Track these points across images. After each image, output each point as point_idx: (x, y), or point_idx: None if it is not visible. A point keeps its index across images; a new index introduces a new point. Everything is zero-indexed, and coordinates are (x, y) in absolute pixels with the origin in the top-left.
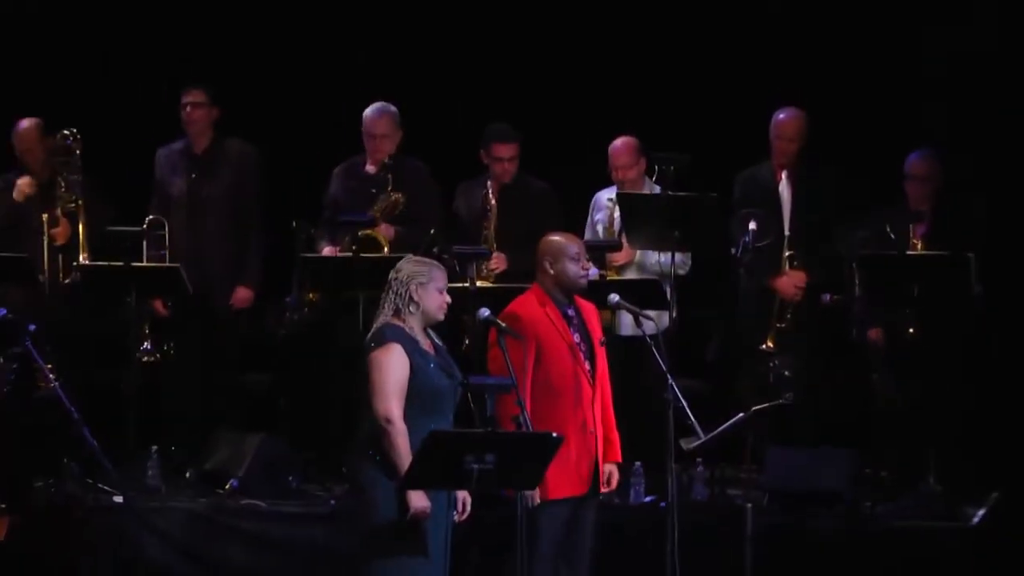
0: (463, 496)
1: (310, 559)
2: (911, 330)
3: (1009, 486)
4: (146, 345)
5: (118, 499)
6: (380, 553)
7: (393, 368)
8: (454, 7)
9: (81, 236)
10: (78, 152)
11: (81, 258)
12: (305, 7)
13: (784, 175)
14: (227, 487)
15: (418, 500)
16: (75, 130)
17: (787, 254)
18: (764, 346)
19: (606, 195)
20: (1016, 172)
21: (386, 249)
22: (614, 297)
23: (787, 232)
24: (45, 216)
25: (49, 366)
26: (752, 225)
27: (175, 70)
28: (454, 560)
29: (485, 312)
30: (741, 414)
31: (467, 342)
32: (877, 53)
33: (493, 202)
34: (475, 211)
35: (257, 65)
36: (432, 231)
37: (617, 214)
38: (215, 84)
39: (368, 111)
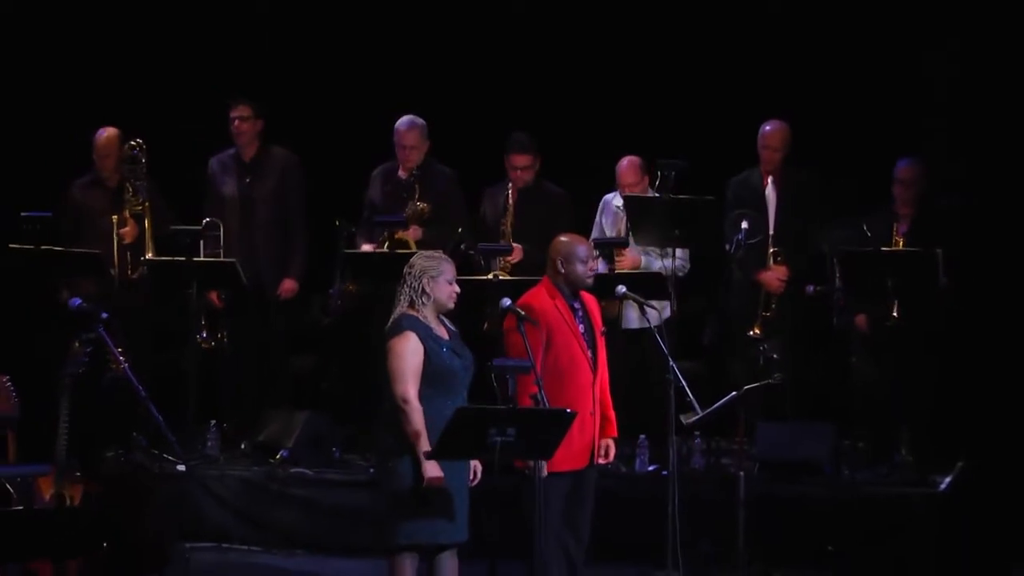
0: (475, 464)
1: (351, 521)
2: (895, 315)
3: (972, 456)
4: (203, 333)
5: (181, 468)
6: (406, 514)
7: (408, 354)
8: (489, 36)
9: (147, 235)
10: (143, 160)
11: (147, 255)
12: (346, 28)
13: (770, 180)
14: (278, 457)
15: (432, 470)
16: (140, 141)
17: (772, 251)
18: (752, 332)
19: (614, 199)
20: (989, 177)
21: (413, 248)
22: (621, 288)
23: (772, 231)
24: (115, 218)
25: (119, 350)
26: (744, 224)
27: (224, 86)
28: (472, 520)
29: (507, 302)
30: (734, 392)
31: (486, 326)
32: (868, 70)
33: (511, 201)
34: (498, 211)
35: (299, 80)
36: (460, 230)
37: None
38: (260, 98)
39: (399, 124)
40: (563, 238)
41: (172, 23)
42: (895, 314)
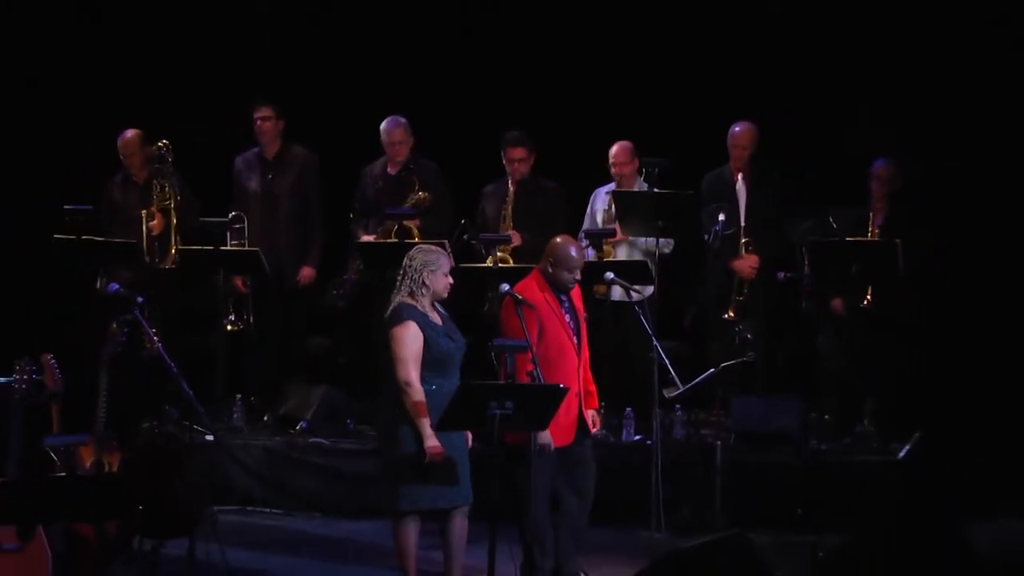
0: (468, 434)
1: (364, 486)
2: (866, 301)
3: (927, 427)
4: (230, 316)
5: (209, 437)
6: (408, 482)
7: (410, 341)
8: (488, 41)
9: (173, 228)
10: (170, 159)
11: (173, 246)
12: (351, 37)
13: (740, 176)
14: (297, 428)
15: (432, 442)
16: (167, 141)
17: (744, 241)
18: (727, 315)
19: (604, 190)
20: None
21: (416, 236)
22: (609, 274)
23: (743, 223)
24: (144, 212)
25: (153, 331)
26: (722, 216)
27: (247, 90)
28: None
29: (506, 287)
30: (712, 370)
31: (487, 308)
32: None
33: (512, 189)
34: (498, 206)
35: (315, 84)
36: (463, 221)
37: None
38: (280, 101)
39: (385, 123)
40: (559, 240)
41: (207, 39)
42: (869, 298)
